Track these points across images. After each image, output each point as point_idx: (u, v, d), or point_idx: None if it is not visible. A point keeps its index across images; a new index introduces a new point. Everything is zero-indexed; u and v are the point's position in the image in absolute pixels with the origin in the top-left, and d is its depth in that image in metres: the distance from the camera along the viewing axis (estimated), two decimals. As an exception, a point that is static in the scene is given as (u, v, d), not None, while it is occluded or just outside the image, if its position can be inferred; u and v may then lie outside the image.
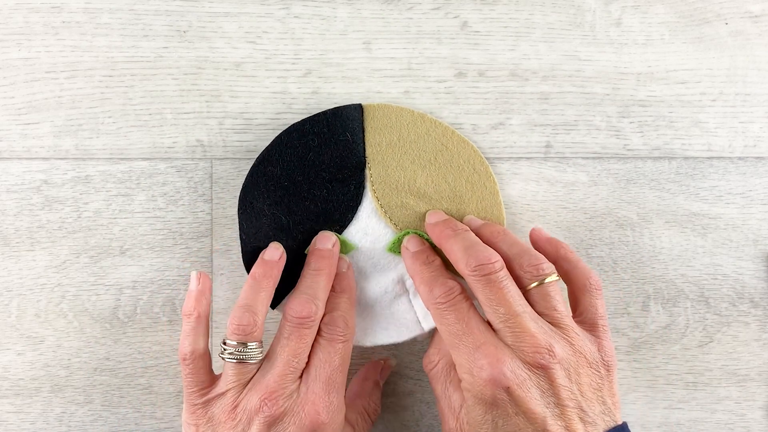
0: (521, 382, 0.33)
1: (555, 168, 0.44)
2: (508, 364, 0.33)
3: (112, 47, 0.43)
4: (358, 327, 0.41)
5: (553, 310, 0.35)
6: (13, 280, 0.43)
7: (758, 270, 0.45)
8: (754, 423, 0.45)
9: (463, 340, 0.34)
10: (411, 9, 0.44)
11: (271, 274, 0.38)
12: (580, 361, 0.34)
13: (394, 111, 0.42)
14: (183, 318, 0.38)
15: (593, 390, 0.34)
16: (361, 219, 0.42)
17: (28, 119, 0.43)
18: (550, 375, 0.33)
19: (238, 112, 0.43)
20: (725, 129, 0.45)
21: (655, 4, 0.44)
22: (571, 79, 0.44)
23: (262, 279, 0.38)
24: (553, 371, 0.33)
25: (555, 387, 0.33)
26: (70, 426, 0.43)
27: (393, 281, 0.41)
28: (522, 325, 0.34)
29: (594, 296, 0.36)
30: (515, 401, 0.33)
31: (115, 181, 0.43)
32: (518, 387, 0.33)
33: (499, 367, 0.33)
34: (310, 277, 0.38)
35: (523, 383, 0.33)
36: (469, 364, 0.34)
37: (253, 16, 0.43)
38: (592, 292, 0.36)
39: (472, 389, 0.34)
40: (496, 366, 0.33)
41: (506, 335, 0.34)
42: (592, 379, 0.34)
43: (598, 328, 0.36)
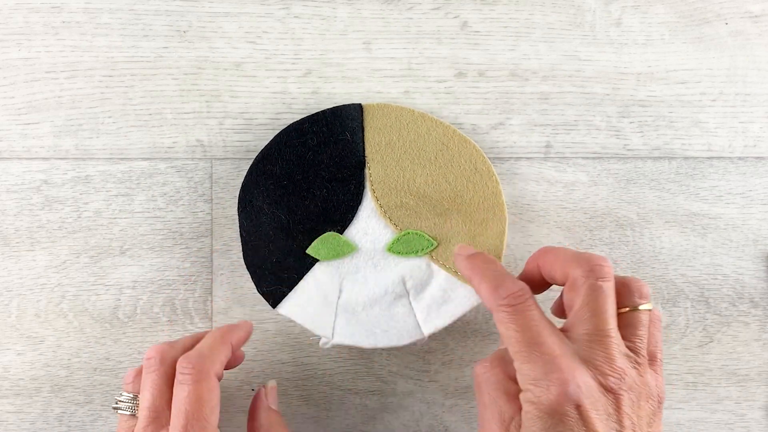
0: (593, 401, 0.32)
1: (555, 168, 0.44)
2: (584, 380, 0.32)
3: (112, 47, 0.43)
4: (359, 329, 0.41)
5: (637, 339, 0.34)
6: (13, 280, 0.43)
7: (758, 270, 0.45)
8: (754, 423, 0.45)
9: (535, 350, 0.33)
10: (411, 9, 0.44)
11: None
12: (643, 392, 0.33)
13: (394, 110, 0.42)
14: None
15: (647, 423, 0.34)
16: (361, 219, 0.42)
17: (28, 119, 0.43)
18: (618, 400, 0.32)
19: (238, 112, 0.43)
20: (725, 129, 0.45)
21: (655, 4, 0.44)
22: (571, 79, 0.44)
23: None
24: (622, 397, 0.32)
25: (620, 414, 0.32)
26: (70, 426, 0.43)
27: (393, 282, 0.41)
28: (606, 343, 0.33)
29: (656, 328, 0.36)
30: (583, 420, 0.32)
31: (115, 181, 0.43)
32: (589, 406, 0.32)
33: (575, 382, 0.32)
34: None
35: (594, 403, 0.32)
36: (540, 375, 0.32)
37: (253, 16, 0.43)
38: (655, 324, 0.36)
39: (539, 402, 0.32)
40: (571, 381, 0.32)
41: (585, 350, 0.33)
42: (648, 411, 0.34)
43: (657, 362, 0.35)
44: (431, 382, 0.44)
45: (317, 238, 0.41)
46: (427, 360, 0.44)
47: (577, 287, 0.34)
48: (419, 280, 0.41)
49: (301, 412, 0.44)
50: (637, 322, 0.35)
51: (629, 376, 0.33)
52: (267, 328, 0.44)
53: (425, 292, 0.41)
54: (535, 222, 0.44)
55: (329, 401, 0.44)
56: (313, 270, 0.41)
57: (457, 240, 0.41)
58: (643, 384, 0.34)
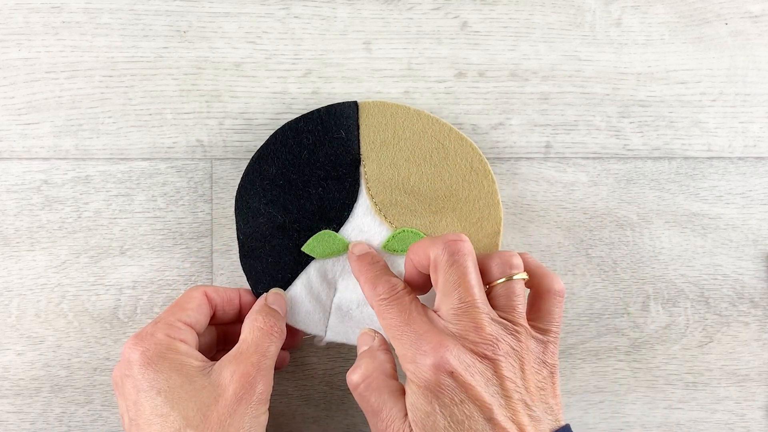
0: (466, 367, 0.33)
1: (555, 168, 0.44)
2: (452, 349, 0.33)
3: (112, 47, 0.43)
4: (352, 327, 0.41)
5: (512, 309, 0.35)
6: (13, 280, 0.43)
7: (758, 270, 0.45)
8: (754, 423, 0.45)
9: (406, 331, 0.34)
10: (411, 9, 0.44)
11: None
12: (525, 357, 0.34)
13: (390, 108, 0.42)
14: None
15: (537, 389, 0.34)
16: (357, 217, 0.42)
17: (28, 119, 0.43)
18: (496, 365, 0.33)
19: (238, 112, 0.43)
20: (725, 129, 0.45)
21: (655, 4, 0.44)
22: (571, 79, 0.44)
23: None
24: (498, 362, 0.33)
25: (500, 377, 0.33)
26: (70, 426, 0.43)
27: None
28: (472, 314, 0.34)
29: (554, 303, 0.36)
30: (461, 386, 0.32)
31: (115, 181, 0.43)
32: (463, 372, 0.32)
33: (441, 351, 0.33)
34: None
35: (468, 369, 0.33)
36: (413, 353, 0.33)
37: (253, 16, 0.43)
38: (554, 299, 0.36)
39: (416, 378, 0.33)
40: (439, 350, 0.33)
41: (453, 323, 0.34)
42: (537, 378, 0.34)
43: (550, 333, 0.36)
44: (431, 382, 0.44)
45: (312, 236, 0.41)
46: (427, 360, 0.44)
47: (437, 266, 0.35)
48: None
49: (300, 412, 0.44)
50: (510, 291, 0.35)
51: (504, 342, 0.33)
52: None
53: None
54: (534, 222, 0.44)
55: (329, 401, 0.44)
56: (308, 268, 0.41)
57: None
58: (525, 350, 0.34)
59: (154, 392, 0.34)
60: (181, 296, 0.39)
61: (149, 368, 0.35)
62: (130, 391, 0.35)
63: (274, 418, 0.44)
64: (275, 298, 0.40)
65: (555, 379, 0.35)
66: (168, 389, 0.34)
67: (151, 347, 0.35)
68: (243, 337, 0.37)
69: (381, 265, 0.39)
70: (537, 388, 0.34)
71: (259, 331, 0.37)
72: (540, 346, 0.35)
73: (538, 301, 0.37)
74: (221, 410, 0.34)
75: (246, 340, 0.37)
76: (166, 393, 0.34)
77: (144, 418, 0.34)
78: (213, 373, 0.35)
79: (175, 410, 0.34)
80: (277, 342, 0.37)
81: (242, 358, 0.36)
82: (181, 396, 0.34)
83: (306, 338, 0.43)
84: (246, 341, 0.37)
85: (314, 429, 0.44)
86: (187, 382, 0.35)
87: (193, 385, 0.35)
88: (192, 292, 0.39)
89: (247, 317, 0.38)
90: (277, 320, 0.38)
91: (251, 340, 0.37)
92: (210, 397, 0.34)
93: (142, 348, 0.35)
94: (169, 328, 0.36)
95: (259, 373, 0.35)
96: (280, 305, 0.39)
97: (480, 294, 0.34)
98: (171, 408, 0.34)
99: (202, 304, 0.39)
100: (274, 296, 0.40)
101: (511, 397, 0.33)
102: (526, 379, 0.34)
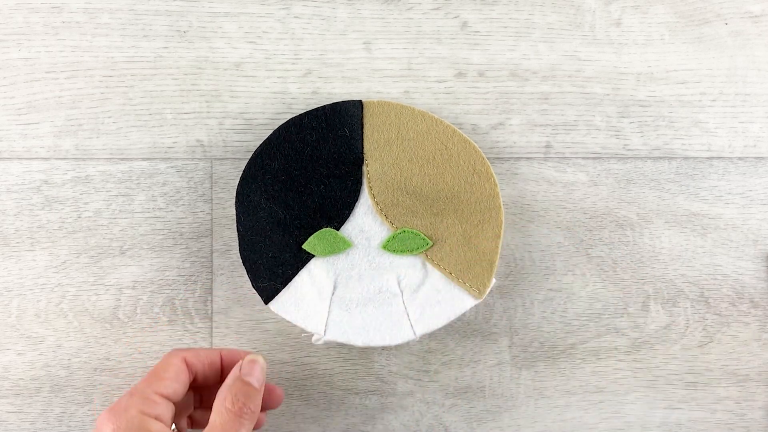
0: None
1: (555, 168, 0.44)
2: None
3: (112, 47, 0.43)
4: (352, 326, 0.41)
5: None
6: (13, 280, 0.43)
7: (758, 270, 0.45)
8: (754, 423, 0.45)
9: None
10: (411, 9, 0.44)
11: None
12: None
13: (394, 108, 0.42)
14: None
15: None
16: (358, 216, 0.42)
17: (28, 119, 0.43)
18: None
19: (238, 112, 0.43)
20: (725, 129, 0.45)
21: (655, 4, 0.44)
22: (571, 79, 0.44)
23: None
24: None
25: None
26: (70, 426, 0.43)
27: (387, 280, 0.41)
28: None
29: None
30: None
31: (115, 181, 0.43)
32: None
33: None
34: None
35: None
36: None
37: (253, 16, 0.43)
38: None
39: None
40: None
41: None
42: None
43: None
44: (431, 382, 0.44)
45: (313, 234, 0.41)
46: (427, 360, 0.44)
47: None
48: (413, 279, 0.41)
49: (301, 412, 0.44)
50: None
51: None
52: (267, 328, 0.44)
53: (419, 292, 0.41)
54: (535, 222, 0.44)
55: (329, 401, 0.44)
56: (308, 266, 0.41)
57: (452, 240, 0.41)
58: None
59: None
60: (159, 363, 0.37)
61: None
62: None
63: (274, 418, 0.44)
64: (250, 368, 0.37)
65: None
66: None
67: (122, 425, 0.34)
68: (212, 419, 0.35)
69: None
70: None
71: (228, 414, 0.35)
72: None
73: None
74: None
75: (215, 424, 0.35)
76: None
77: None
78: None
79: None
80: (248, 424, 0.35)
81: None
82: None
83: (305, 336, 0.43)
84: (215, 426, 0.35)
85: (314, 429, 0.44)
86: None
87: None
88: (170, 359, 0.37)
89: (218, 393, 0.36)
90: (248, 398, 0.36)
91: (219, 425, 0.35)
92: None
93: (113, 426, 0.34)
94: (144, 403, 0.35)
95: None
96: (257, 376, 0.37)
97: None
98: None
99: (180, 372, 0.37)
100: (249, 366, 0.37)
101: None
102: None
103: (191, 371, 0.38)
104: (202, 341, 0.43)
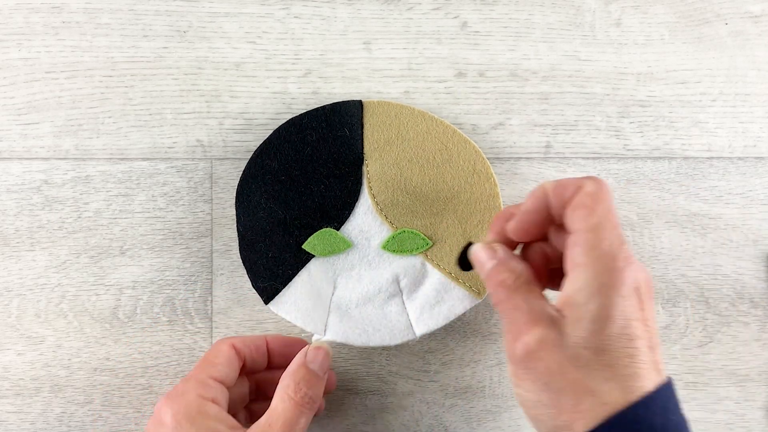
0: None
1: (555, 168, 0.44)
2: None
3: (112, 47, 0.43)
4: (351, 326, 0.41)
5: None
6: (13, 280, 0.43)
7: (758, 270, 0.45)
8: (754, 423, 0.45)
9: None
10: (411, 9, 0.44)
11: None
12: None
13: (394, 108, 0.42)
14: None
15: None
16: (358, 216, 0.42)
17: (28, 119, 0.43)
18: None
19: (238, 112, 0.43)
20: (725, 129, 0.45)
21: (655, 4, 0.44)
22: (571, 79, 0.44)
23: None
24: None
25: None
26: (70, 426, 0.43)
27: (387, 280, 0.41)
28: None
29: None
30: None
31: (115, 181, 0.43)
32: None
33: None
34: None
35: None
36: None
37: (253, 16, 0.43)
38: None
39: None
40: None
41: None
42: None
43: None
44: (431, 382, 0.44)
45: (313, 234, 0.41)
46: (427, 360, 0.44)
47: (595, 199, 0.32)
48: (413, 279, 0.41)
49: (301, 412, 0.44)
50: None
51: None
52: (267, 328, 0.44)
53: (418, 292, 0.41)
54: (535, 222, 0.44)
55: (329, 401, 0.44)
56: (308, 266, 0.41)
57: (452, 240, 0.41)
58: None
59: None
60: (209, 351, 0.39)
61: (177, 431, 0.35)
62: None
63: (274, 418, 0.44)
64: (315, 354, 0.37)
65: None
66: None
67: (181, 409, 0.35)
68: (273, 404, 0.36)
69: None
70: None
71: (290, 401, 0.36)
72: None
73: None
74: None
75: (276, 410, 0.36)
76: None
77: None
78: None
79: None
80: (308, 413, 0.36)
81: (270, 431, 0.35)
82: None
83: (305, 337, 0.43)
84: (276, 411, 0.35)
85: (314, 429, 0.44)
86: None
87: None
88: (220, 345, 0.38)
89: (282, 378, 0.37)
90: (310, 387, 0.36)
91: (281, 411, 0.35)
92: None
93: (173, 410, 0.35)
94: (201, 387, 0.36)
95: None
96: (321, 364, 0.37)
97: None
98: None
99: (231, 358, 0.38)
100: (315, 353, 0.38)
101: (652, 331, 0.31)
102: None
103: (240, 356, 0.39)
104: (201, 341, 0.43)
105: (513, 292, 0.33)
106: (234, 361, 0.38)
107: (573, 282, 0.31)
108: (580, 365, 0.30)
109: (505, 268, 0.34)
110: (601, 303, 0.30)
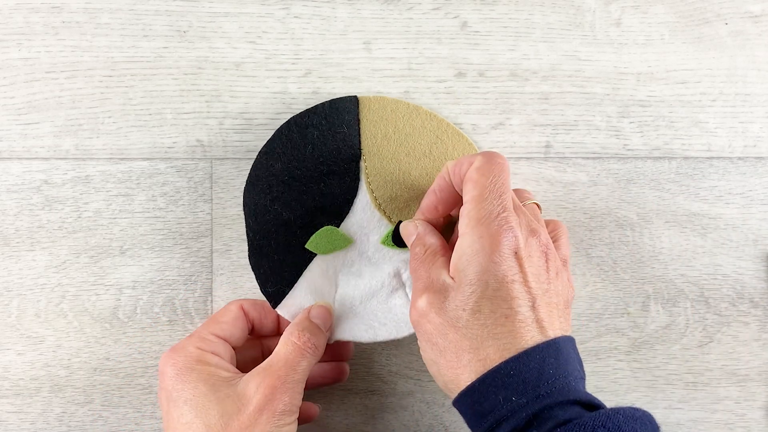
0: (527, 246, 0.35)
1: (555, 168, 0.44)
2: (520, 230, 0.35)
3: (112, 47, 0.43)
4: (357, 323, 0.41)
5: (537, 219, 0.37)
6: (13, 280, 0.43)
7: (758, 270, 0.45)
8: (754, 423, 0.45)
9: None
10: (411, 9, 0.44)
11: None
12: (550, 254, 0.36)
13: (390, 103, 0.42)
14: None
15: (555, 293, 0.36)
16: (357, 212, 0.42)
17: (28, 119, 0.43)
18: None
19: (238, 112, 0.43)
20: (725, 129, 0.45)
21: (655, 4, 0.44)
22: (571, 79, 0.44)
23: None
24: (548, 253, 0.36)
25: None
26: (70, 426, 0.43)
27: (389, 275, 0.41)
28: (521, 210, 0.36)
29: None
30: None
31: (115, 181, 0.43)
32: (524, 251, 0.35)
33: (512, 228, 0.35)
34: None
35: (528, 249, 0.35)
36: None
37: (253, 16, 0.43)
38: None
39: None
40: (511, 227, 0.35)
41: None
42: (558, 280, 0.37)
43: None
44: (431, 382, 0.44)
45: (316, 233, 0.41)
46: (427, 360, 0.44)
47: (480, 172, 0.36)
48: None
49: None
50: (530, 209, 0.38)
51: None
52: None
53: None
54: (535, 222, 0.44)
55: (329, 401, 0.44)
56: (311, 266, 0.41)
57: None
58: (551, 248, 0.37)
59: (181, 401, 0.36)
60: (218, 311, 0.40)
61: (178, 379, 0.36)
62: (163, 401, 0.37)
63: (274, 418, 0.44)
64: (318, 312, 0.40)
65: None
66: (193, 398, 0.35)
67: (180, 359, 0.36)
68: (276, 349, 0.38)
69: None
70: (556, 292, 0.35)
71: (292, 346, 0.37)
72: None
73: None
74: (243, 420, 0.35)
75: (278, 353, 0.37)
76: (191, 402, 0.35)
77: (171, 426, 0.36)
78: (240, 384, 0.36)
79: (198, 418, 0.35)
80: (310, 358, 0.37)
81: (271, 371, 0.36)
82: (205, 404, 0.35)
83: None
84: (278, 354, 0.37)
85: (314, 429, 0.44)
86: (212, 391, 0.35)
87: (217, 395, 0.35)
88: (228, 306, 0.40)
89: (286, 330, 0.38)
90: (313, 335, 0.38)
91: (283, 354, 0.37)
92: (234, 406, 0.35)
93: (173, 360, 0.37)
94: (201, 341, 0.37)
95: (284, 385, 0.36)
96: (324, 319, 0.39)
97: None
98: (195, 416, 0.35)
99: (238, 318, 0.39)
100: (318, 310, 0.40)
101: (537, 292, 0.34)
102: (550, 280, 0.35)
103: (248, 318, 0.40)
104: (202, 341, 0.43)
105: (420, 263, 0.37)
106: (240, 321, 0.39)
107: (457, 250, 0.35)
108: (459, 326, 0.33)
109: (420, 242, 0.37)
110: (476, 268, 0.33)
